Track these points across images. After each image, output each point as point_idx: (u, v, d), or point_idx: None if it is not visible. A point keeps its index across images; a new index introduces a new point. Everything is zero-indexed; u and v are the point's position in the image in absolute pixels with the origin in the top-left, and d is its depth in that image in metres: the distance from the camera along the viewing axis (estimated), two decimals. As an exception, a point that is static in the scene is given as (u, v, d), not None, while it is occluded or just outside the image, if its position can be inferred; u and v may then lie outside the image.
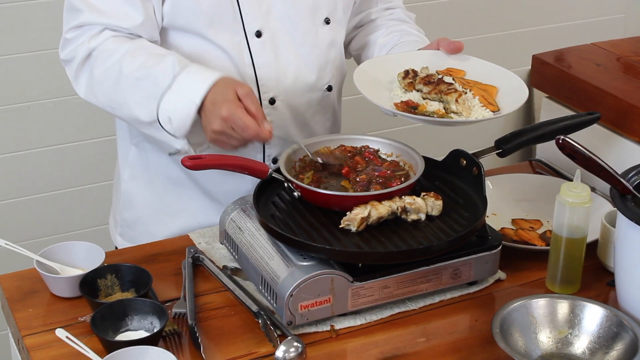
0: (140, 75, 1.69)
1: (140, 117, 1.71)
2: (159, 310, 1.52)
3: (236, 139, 1.65)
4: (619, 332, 1.49)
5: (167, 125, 1.69)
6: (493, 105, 1.72)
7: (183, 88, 1.67)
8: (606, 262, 1.72)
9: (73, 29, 1.75)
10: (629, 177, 1.58)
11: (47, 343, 1.52)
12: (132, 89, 1.70)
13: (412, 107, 1.71)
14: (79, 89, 1.78)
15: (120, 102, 1.73)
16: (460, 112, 1.69)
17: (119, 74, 1.70)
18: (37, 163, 2.83)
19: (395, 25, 1.98)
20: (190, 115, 1.67)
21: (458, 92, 1.71)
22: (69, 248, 1.69)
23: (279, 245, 1.59)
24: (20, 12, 2.68)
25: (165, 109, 1.68)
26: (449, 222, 1.62)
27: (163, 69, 1.68)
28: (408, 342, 1.54)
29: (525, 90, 1.74)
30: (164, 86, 1.67)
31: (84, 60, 1.74)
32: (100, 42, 1.73)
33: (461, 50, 1.85)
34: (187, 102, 1.66)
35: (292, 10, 1.81)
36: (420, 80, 1.76)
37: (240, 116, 1.63)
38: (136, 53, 1.71)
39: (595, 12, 3.61)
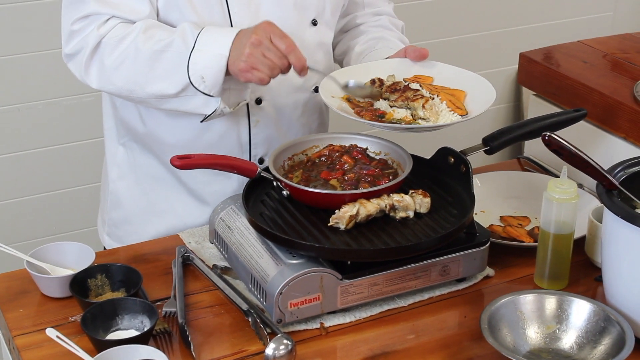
0: (160, 47, 1.69)
1: (166, 90, 1.71)
2: (149, 310, 1.52)
3: (272, 52, 1.64)
4: (607, 327, 1.50)
5: (200, 85, 1.68)
6: (461, 109, 1.73)
7: (208, 45, 1.67)
8: (594, 257, 1.73)
9: (79, 19, 1.73)
10: (615, 172, 1.59)
11: (37, 343, 1.52)
12: (154, 63, 1.70)
13: (379, 116, 1.71)
14: (91, 79, 1.75)
15: (141, 81, 1.72)
16: (427, 117, 1.70)
17: (136, 53, 1.69)
18: (26, 165, 2.83)
19: (374, 33, 1.99)
20: (222, 68, 1.67)
21: (425, 97, 1.73)
22: (59, 248, 1.69)
23: (268, 243, 1.60)
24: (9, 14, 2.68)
25: (195, 69, 1.68)
26: (438, 219, 1.63)
27: (182, 35, 1.69)
28: (397, 339, 1.55)
29: (492, 93, 1.75)
30: (188, 49, 1.68)
31: (94, 49, 1.72)
32: (109, 28, 1.72)
33: (426, 57, 1.85)
34: (217, 55, 1.66)
35: (279, 10, 1.82)
36: (386, 88, 1.77)
37: (279, 29, 1.64)
38: (149, 30, 1.71)
39: (583, 10, 3.63)
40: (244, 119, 1.84)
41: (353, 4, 2.01)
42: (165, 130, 1.85)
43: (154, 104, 1.76)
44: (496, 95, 1.74)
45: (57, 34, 1.78)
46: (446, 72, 1.84)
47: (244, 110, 1.83)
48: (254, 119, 1.85)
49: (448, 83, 1.81)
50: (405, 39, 2.01)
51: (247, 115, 1.84)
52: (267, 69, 1.65)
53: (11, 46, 2.71)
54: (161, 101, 1.74)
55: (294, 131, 1.91)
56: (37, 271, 1.64)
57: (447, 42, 3.32)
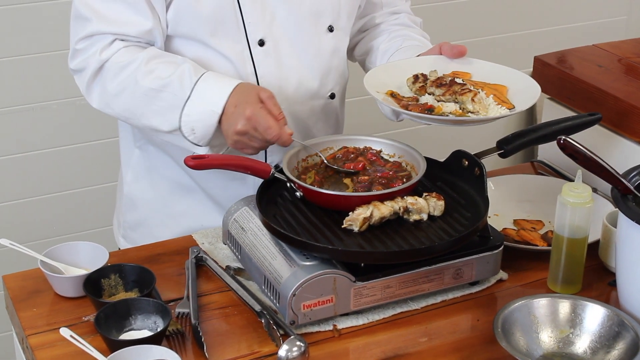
0: (157, 86, 1.69)
1: (159, 127, 1.73)
2: (163, 310, 1.52)
3: (258, 140, 1.66)
4: (620, 332, 1.49)
5: (190, 136, 1.71)
6: (507, 102, 1.72)
7: (203, 98, 1.68)
8: (607, 262, 1.73)
9: (83, 39, 1.73)
10: (630, 177, 1.58)
11: (51, 342, 1.52)
12: (149, 100, 1.71)
13: (428, 110, 1.71)
14: (92, 100, 1.77)
15: (137, 113, 1.73)
16: (477, 110, 1.69)
17: (135, 85, 1.70)
18: (41, 164, 2.84)
19: (398, 31, 1.98)
20: (212, 125, 1.68)
21: (473, 91, 1.71)
22: (73, 248, 1.69)
23: (281, 245, 1.60)
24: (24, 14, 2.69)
25: (186, 120, 1.69)
26: (451, 222, 1.63)
27: (180, 79, 1.69)
28: (410, 341, 1.55)
29: (536, 87, 1.74)
30: (184, 97, 1.68)
31: (96, 72, 1.73)
32: (112, 53, 1.72)
33: (464, 54, 1.85)
34: (209, 112, 1.67)
35: (295, 18, 1.81)
36: (431, 83, 1.76)
37: (263, 116, 1.64)
38: (150, 63, 1.71)
39: (597, 14, 3.61)
40: None
41: (371, 5, 2.01)
42: None
43: (149, 133, 1.80)
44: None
45: (69, 35, 1.79)
46: (484, 69, 1.83)
47: None
48: None
49: (486, 79, 1.80)
50: (426, 34, 2.01)
51: None
52: (253, 150, 1.69)
53: (25, 46, 2.71)
54: (155, 133, 1.77)
55: (311, 137, 1.91)
56: (51, 271, 1.64)
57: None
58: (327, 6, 1.84)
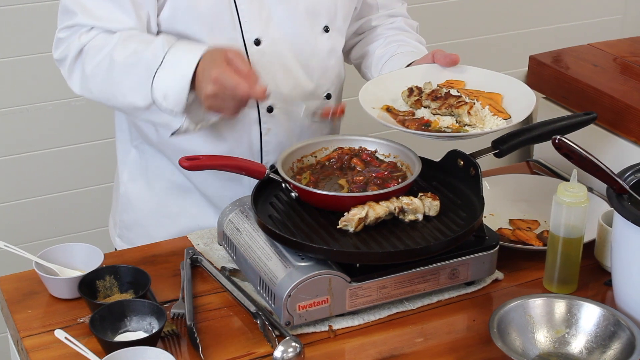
0: (132, 61, 1.69)
1: (136, 102, 1.71)
2: (158, 311, 1.52)
3: (230, 99, 1.63)
4: (616, 332, 1.49)
5: (163, 103, 1.68)
6: (503, 112, 1.71)
7: (173, 64, 1.67)
8: (603, 261, 1.73)
9: (65, 28, 1.75)
10: (625, 176, 1.58)
11: (46, 344, 1.52)
12: (125, 76, 1.70)
13: (425, 125, 1.70)
14: (74, 85, 1.77)
15: (114, 91, 1.72)
16: (474, 123, 1.69)
17: (111, 63, 1.70)
18: (36, 165, 2.84)
19: (393, 36, 1.98)
20: (184, 89, 1.66)
21: (469, 104, 1.71)
22: (68, 249, 1.69)
23: (276, 245, 1.59)
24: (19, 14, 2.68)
25: (158, 87, 1.67)
26: (447, 222, 1.63)
27: (153, 51, 1.69)
28: (406, 342, 1.55)
29: (531, 95, 1.74)
30: (155, 66, 1.67)
31: (76, 56, 1.74)
32: (91, 37, 1.73)
33: (457, 63, 1.84)
34: (179, 77, 1.66)
35: (291, 18, 1.81)
36: (426, 96, 1.76)
37: (229, 75, 1.61)
38: (126, 42, 1.71)
39: (592, 13, 3.62)
40: (255, 126, 1.84)
41: (367, 7, 2.00)
42: (177, 139, 1.84)
43: (130, 113, 1.78)
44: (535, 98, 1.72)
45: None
46: (478, 76, 1.82)
47: (256, 118, 1.83)
48: (265, 127, 1.85)
49: (481, 87, 1.79)
50: (422, 39, 2.00)
51: (259, 123, 1.84)
52: (231, 112, 1.65)
53: (20, 47, 2.71)
54: (135, 112, 1.75)
55: (305, 138, 1.90)
56: (46, 272, 1.64)
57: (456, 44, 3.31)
58: (323, 6, 1.84)
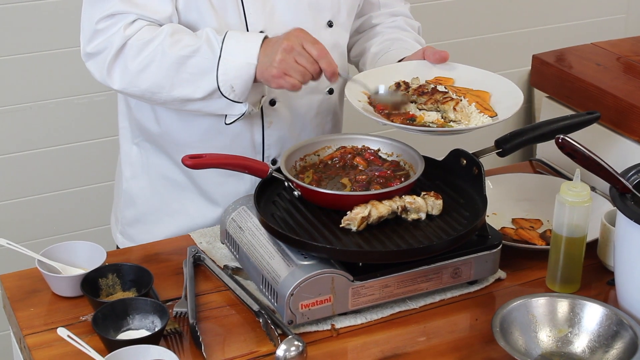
0: (187, 52, 1.69)
1: (192, 94, 1.71)
2: (160, 310, 1.52)
3: (305, 58, 1.63)
4: (619, 331, 1.49)
5: (230, 94, 1.69)
6: (489, 110, 1.71)
7: (235, 53, 1.67)
8: (606, 261, 1.72)
9: (104, 18, 1.71)
10: (628, 176, 1.58)
11: (48, 342, 1.52)
12: (179, 68, 1.69)
13: (409, 119, 1.70)
14: (113, 81, 1.73)
15: (166, 84, 1.71)
16: (459, 119, 1.69)
17: (162, 56, 1.69)
18: (38, 163, 2.84)
19: (391, 34, 1.98)
20: (250, 77, 1.67)
21: (455, 100, 1.71)
22: (71, 247, 1.69)
23: (279, 244, 1.59)
24: (21, 12, 2.68)
25: (225, 79, 1.68)
26: (449, 221, 1.63)
27: (208, 43, 1.69)
28: (408, 341, 1.55)
29: (519, 94, 1.73)
30: (215, 58, 1.68)
31: (119, 50, 1.71)
32: (136, 30, 1.70)
33: (447, 60, 1.83)
34: (245, 65, 1.67)
35: (295, 11, 1.81)
36: (413, 91, 1.76)
37: (310, 35, 1.64)
38: (175, 35, 1.70)
39: (596, 12, 3.61)
40: (257, 120, 1.84)
41: (369, 5, 2.00)
42: (179, 131, 1.85)
43: (176, 106, 1.76)
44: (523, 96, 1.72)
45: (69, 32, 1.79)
46: (467, 74, 1.82)
47: (258, 112, 1.83)
48: (267, 120, 1.85)
49: (470, 85, 1.79)
50: (422, 39, 2.00)
51: (261, 117, 1.84)
52: (299, 75, 1.65)
53: (22, 45, 2.71)
54: (185, 103, 1.74)
55: (308, 132, 1.91)
56: (49, 270, 1.64)
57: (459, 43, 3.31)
58: (327, 1, 1.85)
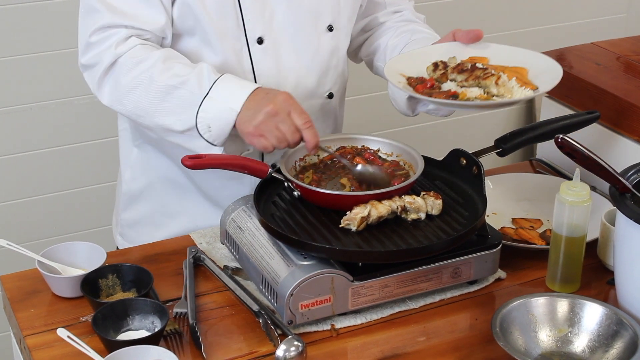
0: (175, 83, 1.67)
1: (172, 126, 1.70)
2: (160, 310, 1.52)
3: (287, 125, 1.62)
4: (619, 331, 1.49)
5: (206, 134, 1.68)
6: (529, 84, 1.69)
7: (222, 96, 1.66)
8: (606, 260, 1.72)
9: (97, 31, 1.70)
10: (628, 175, 1.58)
11: (48, 343, 1.52)
12: (165, 97, 1.68)
13: (452, 97, 1.68)
14: (102, 96, 1.74)
15: (149, 110, 1.70)
16: (502, 94, 1.67)
17: (150, 82, 1.68)
18: (38, 164, 2.84)
19: (404, 26, 1.97)
20: (230, 122, 1.66)
21: (496, 75, 1.70)
22: (71, 248, 1.69)
23: (279, 244, 1.59)
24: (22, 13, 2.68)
25: (203, 117, 1.66)
26: (449, 221, 1.63)
27: (198, 77, 1.67)
28: (408, 341, 1.55)
29: (557, 67, 1.72)
30: (202, 94, 1.66)
31: (110, 67, 1.70)
32: (127, 48, 1.70)
33: (480, 38, 1.81)
34: (227, 109, 1.65)
35: (295, 17, 1.81)
36: (452, 69, 1.74)
37: (299, 104, 1.63)
38: (168, 61, 1.69)
39: (596, 11, 3.61)
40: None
41: (374, 5, 1.99)
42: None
43: (159, 133, 1.75)
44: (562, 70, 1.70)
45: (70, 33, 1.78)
46: (501, 52, 1.80)
47: None
48: None
49: (505, 62, 1.77)
50: (431, 29, 1.98)
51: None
52: (275, 140, 1.64)
53: (23, 46, 2.71)
54: (167, 133, 1.73)
55: None
56: (49, 271, 1.64)
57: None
58: (327, 6, 1.84)
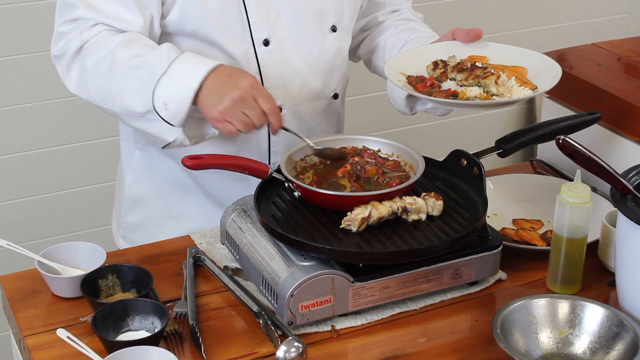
0: (135, 64, 1.65)
1: (134, 107, 1.67)
2: (160, 311, 1.52)
3: (253, 110, 1.61)
4: (620, 332, 1.49)
5: (162, 112, 1.64)
6: (529, 83, 1.70)
7: (180, 72, 1.63)
8: (607, 262, 1.72)
9: (66, 22, 1.71)
10: (629, 177, 1.58)
11: (48, 343, 1.52)
12: (126, 78, 1.66)
13: (452, 95, 1.69)
14: (70, 83, 1.73)
15: (112, 93, 1.68)
16: (502, 93, 1.68)
17: (112, 64, 1.66)
18: (38, 164, 2.84)
19: (403, 25, 1.97)
20: (187, 100, 1.62)
21: (495, 74, 1.70)
22: (70, 248, 1.69)
23: (279, 245, 1.59)
24: (21, 13, 2.68)
25: (160, 94, 1.63)
26: (450, 222, 1.62)
27: (158, 56, 1.65)
28: (409, 342, 1.55)
29: (556, 67, 1.73)
30: (160, 72, 1.63)
31: (76, 52, 1.70)
32: (93, 34, 1.69)
33: (480, 37, 1.82)
34: (184, 87, 1.62)
35: (299, 18, 1.81)
36: (452, 68, 1.75)
37: (262, 87, 1.62)
38: (130, 44, 1.67)
39: (597, 12, 3.61)
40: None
41: (373, 4, 2.00)
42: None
43: (124, 119, 1.73)
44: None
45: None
46: (500, 51, 1.81)
47: None
48: None
49: (504, 62, 1.78)
50: (429, 28, 1.99)
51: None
52: (241, 125, 1.63)
53: (23, 45, 2.71)
54: (130, 118, 1.71)
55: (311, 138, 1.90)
56: (48, 271, 1.64)
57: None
58: (331, 6, 1.84)
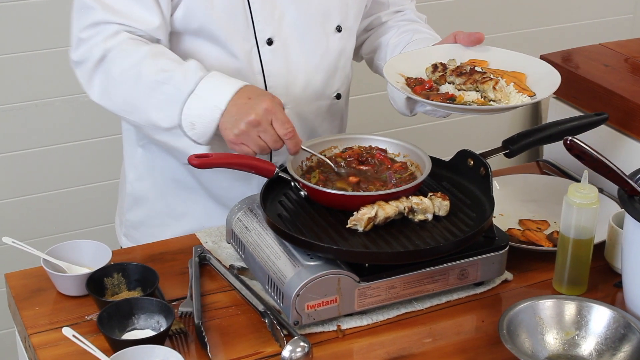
0: (161, 79, 1.65)
1: (158, 122, 1.68)
2: (166, 309, 1.52)
3: (269, 135, 1.61)
4: (626, 334, 1.49)
5: (190, 132, 1.66)
6: (527, 90, 1.70)
7: (207, 93, 1.64)
8: (613, 263, 1.72)
9: (88, 27, 1.69)
10: (636, 178, 1.57)
11: (53, 341, 1.52)
12: (152, 92, 1.66)
13: (450, 100, 1.69)
14: (92, 92, 1.73)
15: (137, 105, 1.69)
16: (499, 99, 1.68)
17: (138, 76, 1.66)
18: (44, 161, 2.84)
19: (406, 25, 1.97)
20: (214, 120, 1.64)
21: (494, 79, 1.70)
22: (76, 246, 1.69)
23: (285, 244, 1.59)
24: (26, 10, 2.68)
25: (188, 114, 1.65)
26: (456, 222, 1.62)
27: (185, 73, 1.66)
28: (415, 342, 1.54)
29: (556, 74, 1.73)
30: (187, 91, 1.64)
31: (99, 61, 1.69)
32: (117, 42, 1.68)
33: (482, 41, 1.83)
34: (212, 107, 1.63)
35: (304, 18, 1.80)
36: (451, 72, 1.75)
37: (282, 111, 1.61)
38: (157, 56, 1.67)
39: (603, 12, 3.60)
40: None
41: (377, 4, 2.00)
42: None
43: (148, 132, 1.74)
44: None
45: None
46: (501, 56, 1.81)
47: None
48: None
49: (504, 67, 1.78)
50: (432, 29, 1.99)
51: None
52: (256, 147, 1.63)
53: (28, 43, 2.71)
54: (154, 131, 1.72)
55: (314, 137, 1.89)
56: (54, 269, 1.63)
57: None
58: (336, 6, 1.84)
